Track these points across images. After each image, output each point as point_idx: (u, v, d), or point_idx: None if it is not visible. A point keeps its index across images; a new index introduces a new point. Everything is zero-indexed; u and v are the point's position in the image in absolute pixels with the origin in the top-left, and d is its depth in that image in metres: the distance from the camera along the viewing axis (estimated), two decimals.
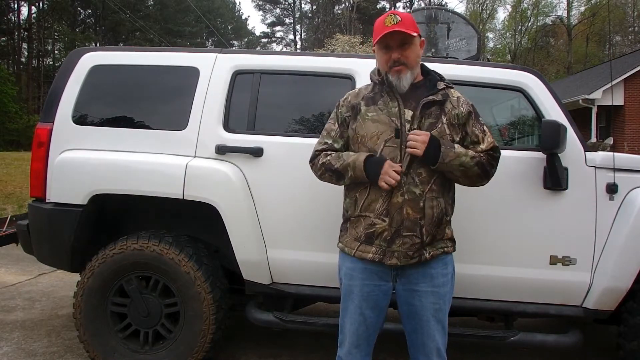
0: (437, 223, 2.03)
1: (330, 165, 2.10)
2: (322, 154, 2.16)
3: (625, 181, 2.79)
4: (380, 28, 2.06)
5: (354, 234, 2.08)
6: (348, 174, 2.04)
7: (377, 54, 2.12)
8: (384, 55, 2.07)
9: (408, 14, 2.11)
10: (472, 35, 7.50)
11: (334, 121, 2.20)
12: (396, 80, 2.05)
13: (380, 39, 2.04)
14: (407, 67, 2.05)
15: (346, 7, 39.21)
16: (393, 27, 2.01)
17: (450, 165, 1.99)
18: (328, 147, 2.17)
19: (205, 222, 3.08)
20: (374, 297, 2.08)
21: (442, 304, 2.08)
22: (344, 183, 2.11)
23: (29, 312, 4.16)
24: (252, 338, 3.72)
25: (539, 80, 2.94)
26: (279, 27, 51.17)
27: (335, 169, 2.08)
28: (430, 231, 2.02)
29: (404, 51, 2.04)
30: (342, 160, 2.07)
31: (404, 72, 2.04)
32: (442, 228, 2.06)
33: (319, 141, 2.21)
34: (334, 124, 2.19)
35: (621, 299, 2.79)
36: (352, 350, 2.12)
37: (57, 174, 3.02)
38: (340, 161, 2.07)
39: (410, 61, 2.06)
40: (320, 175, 2.19)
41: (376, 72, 2.17)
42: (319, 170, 2.17)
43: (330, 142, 2.17)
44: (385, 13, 2.14)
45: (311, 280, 2.95)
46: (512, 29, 38.77)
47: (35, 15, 37.31)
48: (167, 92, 3.16)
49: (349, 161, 2.04)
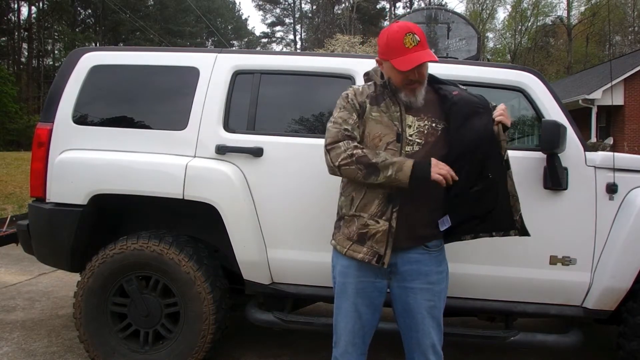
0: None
1: (365, 159, 1.96)
2: (347, 141, 2.01)
3: (625, 181, 2.80)
4: (399, 48, 1.98)
5: (346, 232, 2.08)
6: (387, 172, 1.93)
7: (391, 71, 2.04)
8: (399, 74, 2.02)
9: (420, 29, 2.04)
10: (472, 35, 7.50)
11: (349, 112, 2.07)
12: (412, 98, 2.05)
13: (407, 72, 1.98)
14: (422, 85, 2.06)
15: (346, 7, 39.21)
16: (416, 50, 1.97)
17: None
18: (351, 135, 2.03)
19: (205, 222, 3.09)
20: (368, 293, 2.09)
21: (436, 301, 2.09)
22: (372, 181, 1.96)
23: (29, 312, 4.16)
24: (252, 338, 3.72)
25: (539, 80, 2.94)
26: (279, 27, 51.19)
27: (373, 163, 1.94)
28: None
29: (420, 70, 2.02)
30: (381, 157, 1.95)
31: (419, 89, 2.06)
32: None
33: (337, 128, 2.04)
34: (349, 114, 2.06)
35: (621, 299, 2.80)
36: (349, 348, 2.12)
37: (57, 174, 3.02)
38: (381, 158, 1.95)
39: (424, 78, 2.07)
40: (343, 164, 1.99)
41: (379, 73, 2.15)
42: (345, 159, 1.98)
43: (350, 129, 2.04)
44: (398, 27, 2.02)
45: (311, 280, 2.95)
46: (512, 29, 38.74)
47: (35, 15, 37.32)
48: (167, 92, 3.16)
49: (394, 160, 1.94)
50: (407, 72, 1.99)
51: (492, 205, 2.03)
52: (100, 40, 37.79)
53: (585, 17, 35.64)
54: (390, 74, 2.06)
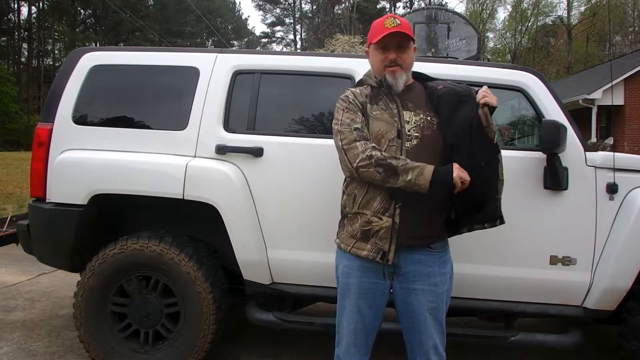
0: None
1: (384, 162, 1.94)
2: (364, 142, 1.99)
3: (625, 181, 2.79)
4: (379, 29, 2.07)
5: (350, 230, 2.08)
6: (407, 176, 1.92)
7: (373, 54, 2.13)
8: (380, 55, 2.09)
9: (405, 20, 2.12)
10: (472, 35, 7.51)
11: (354, 112, 2.06)
12: (392, 80, 2.07)
13: (380, 38, 2.05)
14: (402, 69, 2.08)
15: (346, 7, 39.24)
16: (393, 29, 2.03)
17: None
18: (364, 135, 2.02)
19: (205, 222, 3.08)
20: (371, 294, 2.08)
21: (439, 302, 2.08)
22: (391, 184, 1.95)
23: (29, 312, 4.16)
24: (252, 338, 3.72)
25: (539, 80, 2.94)
26: (279, 27, 51.22)
27: (393, 167, 1.93)
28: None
29: (400, 53, 2.07)
30: (402, 161, 1.94)
31: (399, 72, 2.07)
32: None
33: (348, 129, 2.03)
34: (355, 114, 2.06)
35: (621, 299, 2.80)
36: (351, 348, 2.12)
37: (57, 174, 3.02)
38: (401, 162, 1.94)
39: (405, 64, 2.09)
40: (361, 166, 1.97)
41: (372, 75, 2.17)
42: (363, 161, 1.96)
43: (360, 128, 2.03)
44: (384, 16, 2.14)
45: (311, 280, 2.95)
46: (512, 29, 38.76)
47: (35, 15, 37.36)
48: (167, 92, 3.16)
49: (415, 165, 1.93)
50: (385, 51, 2.05)
51: (485, 191, 2.02)
52: (100, 40, 37.81)
53: (586, 17, 35.65)
54: (372, 59, 2.13)
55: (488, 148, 2.01)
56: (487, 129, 2.00)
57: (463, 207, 2.09)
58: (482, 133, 2.00)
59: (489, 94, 2.02)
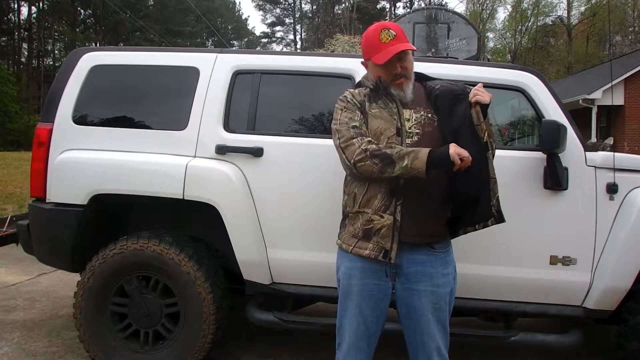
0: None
1: (379, 152, 1.95)
2: (360, 138, 2.00)
3: (625, 181, 2.79)
4: (376, 44, 2.04)
5: (351, 230, 2.07)
6: (403, 162, 1.91)
7: (375, 69, 2.10)
8: (382, 70, 2.07)
9: (396, 25, 2.10)
10: (472, 35, 7.49)
11: (352, 111, 2.07)
12: (401, 93, 2.07)
13: (385, 62, 2.02)
14: (407, 78, 2.08)
15: (346, 7, 39.25)
16: (392, 44, 2.02)
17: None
18: (361, 132, 2.02)
19: (205, 222, 3.08)
20: (373, 296, 2.06)
21: (442, 304, 2.06)
22: (389, 174, 1.94)
23: (29, 312, 4.16)
24: (252, 338, 3.72)
25: (539, 80, 2.94)
26: (279, 27, 51.23)
27: (388, 155, 1.93)
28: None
29: (402, 63, 2.06)
30: (396, 149, 1.94)
31: (405, 84, 2.07)
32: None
33: (346, 127, 2.04)
34: (353, 113, 2.06)
35: (621, 299, 2.80)
36: (352, 351, 2.09)
37: (57, 174, 3.02)
38: (395, 149, 1.94)
39: (409, 72, 2.09)
40: (358, 160, 1.97)
41: (369, 78, 2.16)
42: (359, 155, 1.97)
43: (358, 125, 2.04)
44: (374, 26, 2.10)
45: (311, 280, 2.94)
46: (512, 29, 38.75)
47: (35, 15, 37.36)
48: (167, 92, 3.16)
49: (409, 150, 1.93)
50: (389, 67, 2.04)
51: (477, 188, 2.01)
52: (100, 40, 37.81)
53: (586, 17, 35.63)
54: (375, 73, 2.11)
55: (475, 145, 1.99)
56: (478, 127, 1.99)
57: (458, 205, 2.08)
58: (472, 131, 1.99)
59: (481, 92, 2.01)
